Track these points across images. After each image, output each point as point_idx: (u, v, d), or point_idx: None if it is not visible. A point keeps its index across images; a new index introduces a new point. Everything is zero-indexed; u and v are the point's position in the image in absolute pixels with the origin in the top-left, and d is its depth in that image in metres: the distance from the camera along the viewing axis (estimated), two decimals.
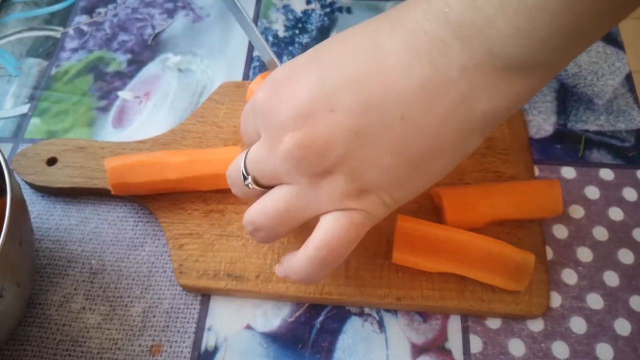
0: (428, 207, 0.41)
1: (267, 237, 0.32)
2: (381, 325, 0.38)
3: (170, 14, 0.55)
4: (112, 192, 0.40)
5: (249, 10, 0.55)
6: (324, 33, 0.53)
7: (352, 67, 0.27)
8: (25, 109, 0.49)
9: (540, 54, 0.24)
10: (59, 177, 0.42)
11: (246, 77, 0.50)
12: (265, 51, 0.40)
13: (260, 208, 0.31)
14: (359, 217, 0.29)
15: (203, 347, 0.37)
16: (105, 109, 0.49)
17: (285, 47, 0.52)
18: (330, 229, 0.29)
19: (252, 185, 0.31)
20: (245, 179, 0.31)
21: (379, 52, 0.26)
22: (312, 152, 0.27)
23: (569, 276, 0.40)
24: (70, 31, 0.54)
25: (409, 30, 0.26)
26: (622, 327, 0.38)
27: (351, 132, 0.27)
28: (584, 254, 0.40)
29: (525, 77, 0.25)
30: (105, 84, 0.50)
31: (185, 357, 0.37)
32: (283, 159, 0.28)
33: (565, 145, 0.45)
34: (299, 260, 0.30)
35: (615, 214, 0.42)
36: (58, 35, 0.54)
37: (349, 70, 0.27)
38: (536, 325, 0.38)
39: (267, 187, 0.31)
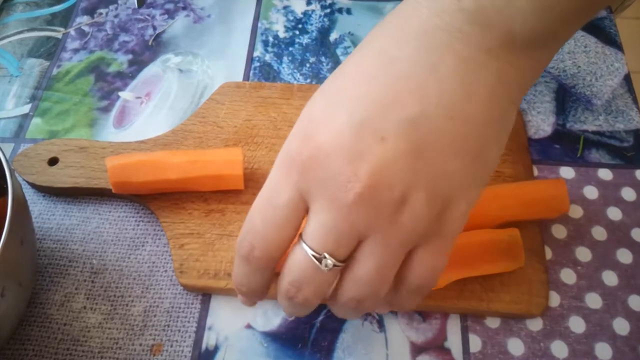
0: None
1: (373, 304, 0.28)
2: (381, 324, 0.38)
3: (171, 14, 0.55)
4: (113, 191, 0.40)
5: (250, 11, 0.55)
6: (324, 34, 0.53)
7: (376, 91, 0.26)
8: (26, 109, 0.49)
9: (559, 28, 0.25)
10: (60, 177, 0.42)
11: (247, 77, 0.50)
12: None
13: (356, 283, 0.27)
14: (443, 244, 0.27)
15: (204, 347, 0.38)
16: (106, 109, 0.49)
17: (285, 48, 0.52)
18: (425, 271, 0.27)
19: (332, 262, 0.26)
20: (320, 261, 0.26)
21: (396, 67, 0.26)
22: (383, 186, 0.25)
23: (568, 276, 0.40)
24: (72, 32, 0.54)
25: (418, 32, 0.26)
26: (621, 326, 0.38)
27: (410, 153, 0.25)
28: (583, 254, 0.41)
29: (543, 49, 0.27)
30: (107, 84, 0.50)
31: (185, 356, 0.37)
32: (357, 208, 0.25)
33: (564, 146, 0.46)
34: (401, 304, 0.29)
35: (614, 213, 0.42)
36: (59, 35, 0.54)
37: (376, 96, 0.25)
38: (535, 325, 0.38)
39: (345, 260, 0.27)
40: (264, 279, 0.29)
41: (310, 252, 0.26)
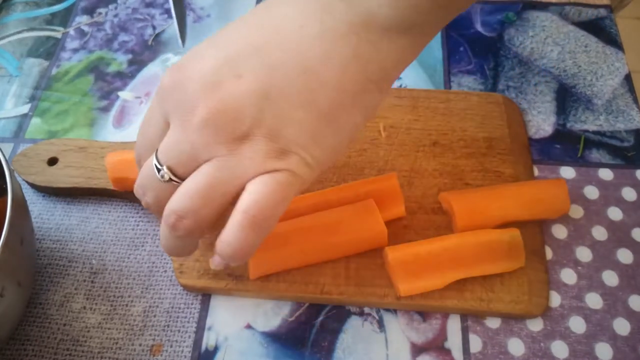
0: (428, 208, 0.41)
1: (193, 224, 0.29)
2: (381, 324, 0.38)
3: (171, 14, 0.55)
4: (113, 187, 0.40)
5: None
6: None
7: (250, 37, 0.29)
8: (25, 109, 0.49)
9: (412, 16, 0.28)
10: (59, 177, 0.42)
11: None
12: None
13: (180, 193, 0.29)
14: (283, 176, 0.29)
15: (203, 347, 0.37)
16: (105, 109, 0.49)
17: None
18: (257, 191, 0.28)
19: (168, 175, 0.29)
20: (159, 170, 0.30)
21: (273, 21, 0.29)
22: (227, 116, 0.28)
23: (569, 276, 0.40)
24: (71, 31, 0.54)
25: None
26: (622, 326, 0.38)
27: (261, 93, 0.28)
28: (583, 254, 0.40)
29: (404, 36, 0.29)
30: (106, 84, 0.50)
31: (185, 356, 0.37)
32: (199, 131, 0.28)
33: (565, 145, 0.46)
34: (228, 230, 0.29)
35: (615, 213, 0.42)
36: (59, 35, 0.54)
37: (248, 40, 0.29)
38: (535, 325, 0.38)
39: (184, 178, 0.29)
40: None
41: (155, 161, 0.30)
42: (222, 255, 0.30)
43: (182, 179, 0.29)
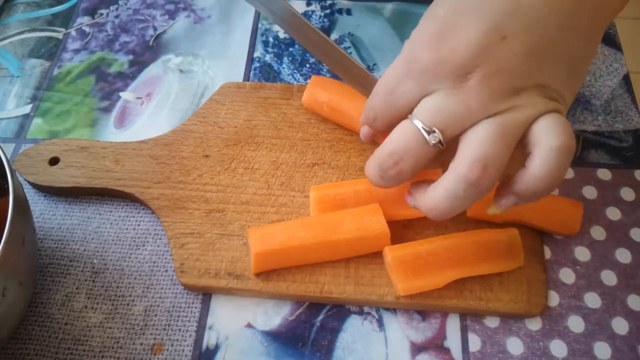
0: None
1: (496, 173, 0.30)
2: (381, 323, 0.38)
3: (172, 15, 0.55)
4: (253, 272, 0.39)
5: (250, 11, 0.55)
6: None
7: (500, 2, 0.29)
8: (27, 109, 0.49)
9: None
10: (61, 177, 0.43)
11: (247, 78, 0.50)
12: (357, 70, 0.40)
13: (481, 140, 0.30)
14: (559, 113, 0.31)
15: (204, 346, 0.38)
16: (107, 110, 0.49)
17: (285, 48, 0.52)
18: (557, 127, 0.30)
19: (439, 138, 0.30)
20: (429, 133, 0.30)
21: None
22: (501, 76, 0.29)
23: (567, 275, 0.40)
24: (72, 32, 0.54)
25: None
26: (620, 326, 0.38)
27: (526, 50, 0.29)
28: (582, 254, 0.41)
29: None
30: (107, 84, 0.50)
31: (186, 355, 0.37)
32: (476, 93, 0.29)
33: None
34: (540, 166, 0.30)
35: (613, 213, 0.42)
36: (60, 36, 0.54)
37: (501, 4, 0.29)
38: (534, 324, 0.38)
39: (446, 142, 0.31)
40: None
41: (420, 124, 0.30)
42: (524, 193, 0.31)
43: (445, 143, 0.30)
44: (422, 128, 0.30)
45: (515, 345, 0.37)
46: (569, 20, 0.30)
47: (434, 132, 0.30)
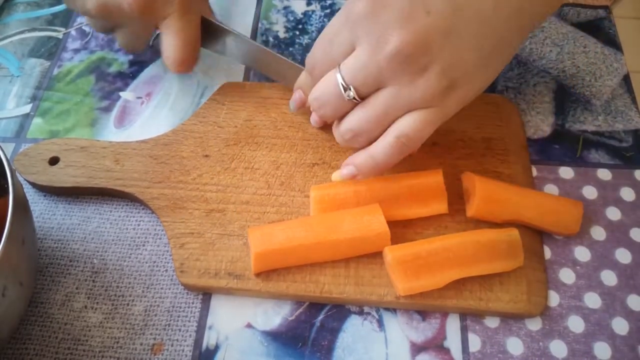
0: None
1: (366, 141, 0.36)
2: (381, 324, 0.38)
3: None
4: (253, 272, 0.39)
5: (250, 11, 0.55)
6: None
7: None
8: (27, 109, 0.49)
9: None
10: (61, 177, 0.43)
11: (247, 77, 0.50)
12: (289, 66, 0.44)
13: (359, 116, 0.35)
14: (438, 113, 0.34)
15: (204, 346, 0.38)
16: (107, 109, 0.49)
17: (285, 48, 0.52)
18: (415, 120, 0.34)
19: (354, 95, 0.34)
20: (345, 90, 0.34)
21: None
22: (416, 48, 0.32)
23: (567, 276, 0.40)
24: (72, 32, 0.54)
25: None
26: (620, 326, 0.38)
27: (445, 30, 0.32)
28: (582, 254, 0.41)
29: None
30: (107, 84, 0.50)
31: (186, 355, 0.37)
32: (390, 58, 0.32)
33: (563, 146, 0.46)
34: (379, 148, 0.35)
35: (613, 213, 0.42)
36: (60, 35, 0.54)
37: None
38: (534, 324, 0.38)
39: (363, 98, 0.35)
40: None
41: (341, 80, 0.35)
42: (362, 166, 0.37)
43: (361, 99, 0.35)
44: (341, 84, 0.34)
45: (515, 346, 0.37)
46: (490, 15, 0.32)
47: (350, 89, 0.34)
